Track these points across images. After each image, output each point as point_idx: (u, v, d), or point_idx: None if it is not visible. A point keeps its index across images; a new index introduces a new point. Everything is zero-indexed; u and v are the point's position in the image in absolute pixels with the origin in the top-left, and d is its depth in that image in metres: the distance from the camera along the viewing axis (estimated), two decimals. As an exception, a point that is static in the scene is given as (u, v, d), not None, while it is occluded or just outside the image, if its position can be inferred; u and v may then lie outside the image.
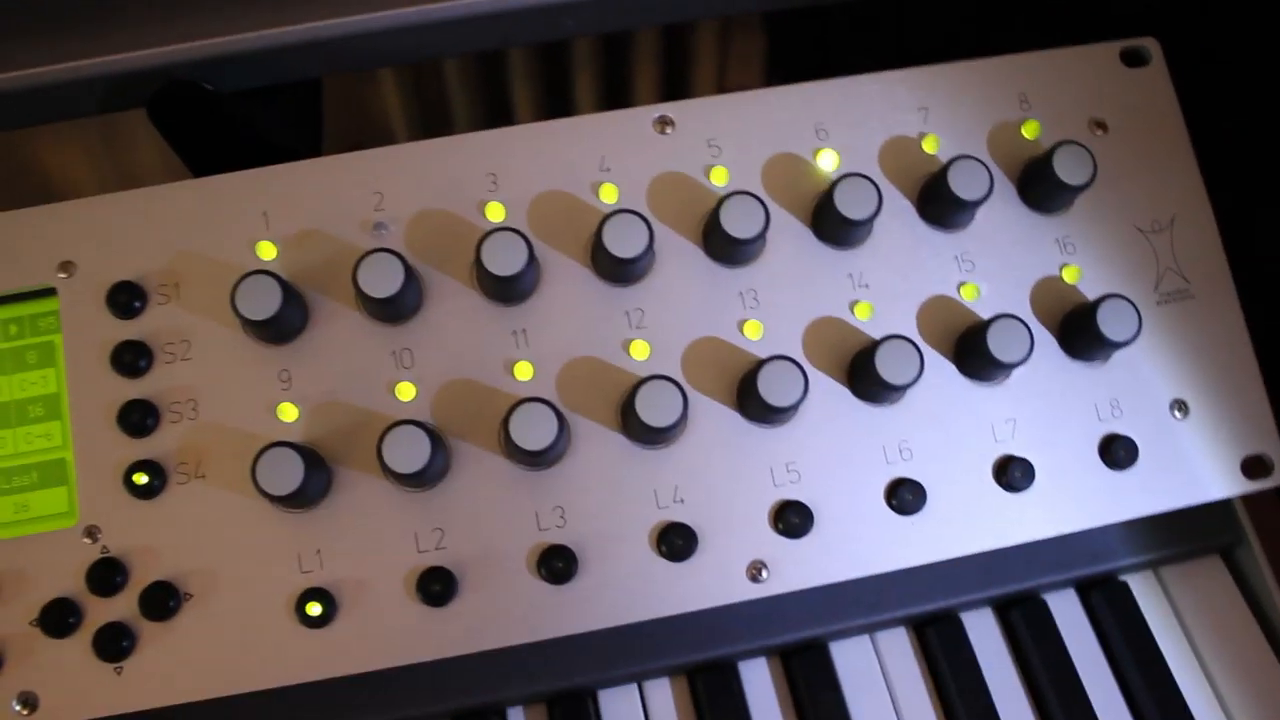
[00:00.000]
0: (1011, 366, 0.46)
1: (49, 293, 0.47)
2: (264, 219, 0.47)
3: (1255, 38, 0.54)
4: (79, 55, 0.49)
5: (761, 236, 0.46)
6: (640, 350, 0.47)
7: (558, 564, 0.45)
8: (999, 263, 0.48)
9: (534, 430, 0.43)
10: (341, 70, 0.52)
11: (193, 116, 0.49)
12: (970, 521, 0.47)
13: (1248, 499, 0.52)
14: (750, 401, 0.45)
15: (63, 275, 0.47)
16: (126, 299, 0.46)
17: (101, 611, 0.44)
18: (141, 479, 0.45)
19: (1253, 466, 0.48)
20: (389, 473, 0.44)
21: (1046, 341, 0.48)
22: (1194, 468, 0.48)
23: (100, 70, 0.50)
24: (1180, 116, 0.50)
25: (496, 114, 0.78)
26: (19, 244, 0.47)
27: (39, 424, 0.47)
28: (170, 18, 0.49)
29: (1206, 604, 0.53)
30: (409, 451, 0.43)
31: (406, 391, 0.46)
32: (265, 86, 0.52)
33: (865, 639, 0.52)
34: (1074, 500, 0.47)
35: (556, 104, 0.79)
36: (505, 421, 0.43)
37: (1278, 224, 0.52)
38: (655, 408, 0.44)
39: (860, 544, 0.46)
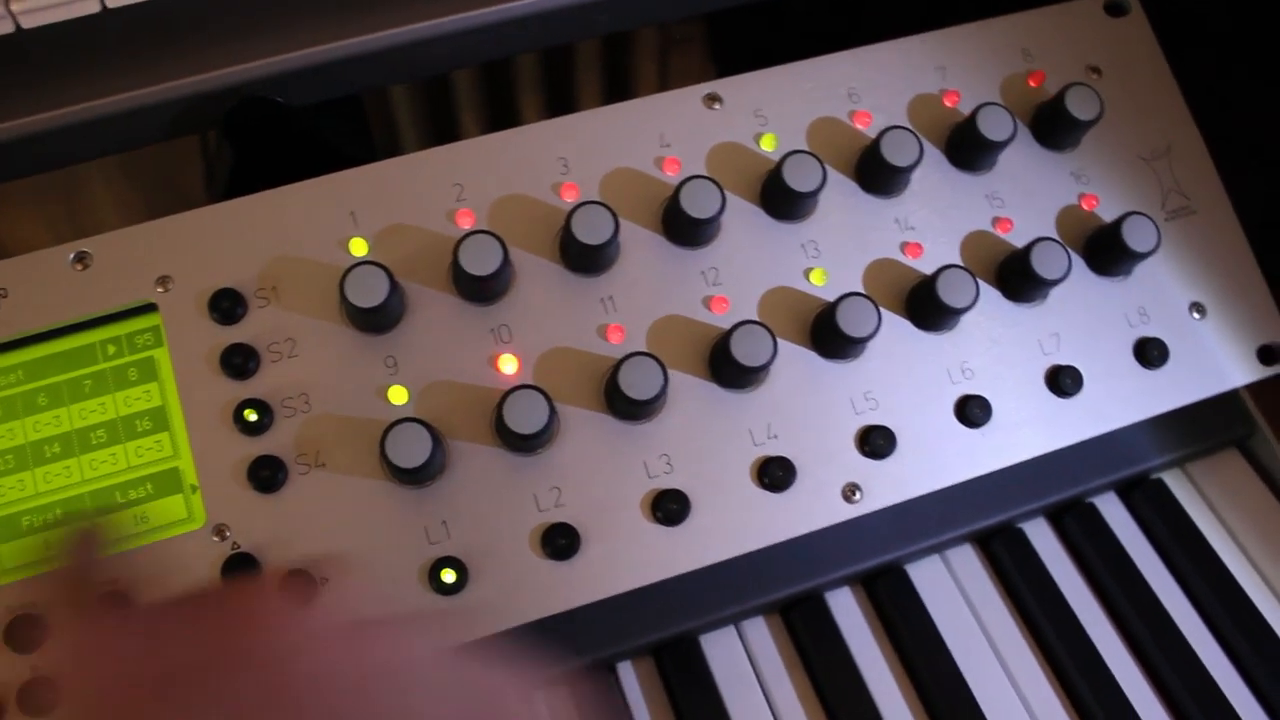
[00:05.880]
0: (1052, 284, 0.51)
1: (147, 309, 0.49)
2: (352, 218, 0.49)
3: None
4: (145, 83, 0.52)
5: (818, 191, 0.50)
6: (718, 306, 0.50)
7: (672, 506, 0.48)
8: (1025, 197, 0.54)
9: (640, 382, 0.46)
10: (410, 80, 0.55)
11: (267, 130, 0.51)
12: (1032, 427, 0.51)
13: (1257, 394, 0.58)
14: (827, 339, 0.49)
15: (161, 290, 0.48)
16: (228, 305, 0.48)
17: (240, 604, 0.46)
18: (263, 472, 0.47)
19: (1267, 354, 0.54)
20: (508, 437, 0.46)
21: (1076, 262, 0.53)
22: (1217, 360, 0.53)
23: (165, 96, 0.52)
24: (1162, 56, 0.57)
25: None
26: (111, 264, 0.48)
27: (148, 437, 0.49)
28: (229, 39, 0.52)
29: (1234, 493, 0.58)
30: (529, 414, 0.45)
31: (509, 364, 0.48)
32: (321, 101, 0.55)
33: (937, 559, 0.56)
34: (1119, 399, 0.52)
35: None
36: (612, 378, 0.47)
37: (1264, 144, 0.58)
38: (746, 354, 0.47)
39: (939, 458, 0.50)
